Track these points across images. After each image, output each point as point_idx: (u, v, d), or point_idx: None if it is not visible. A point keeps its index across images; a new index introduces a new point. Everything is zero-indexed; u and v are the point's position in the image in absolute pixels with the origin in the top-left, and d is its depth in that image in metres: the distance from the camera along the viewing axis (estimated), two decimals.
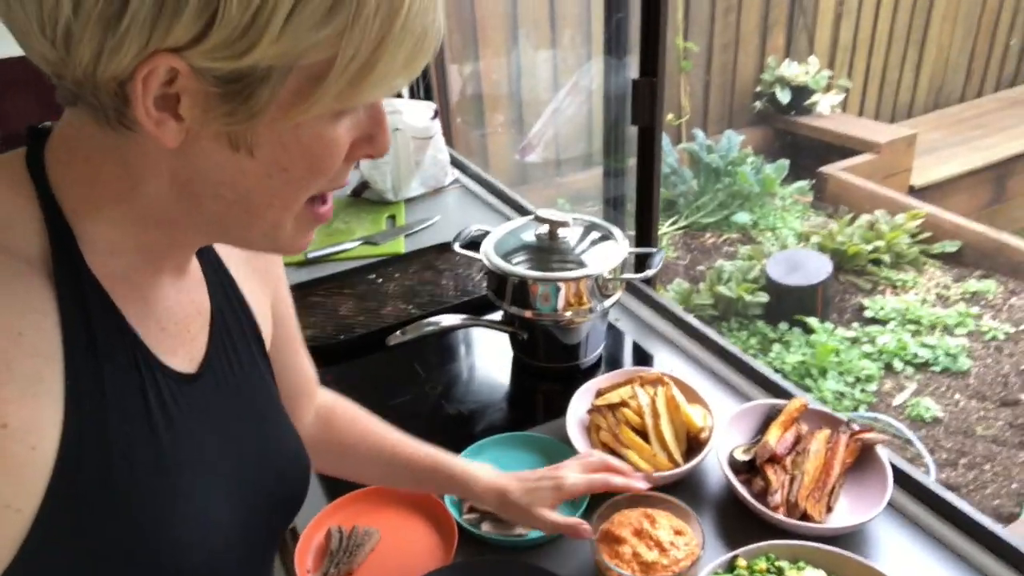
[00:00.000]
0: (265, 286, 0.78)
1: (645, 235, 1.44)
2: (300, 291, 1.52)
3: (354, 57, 0.48)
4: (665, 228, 4.06)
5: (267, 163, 0.52)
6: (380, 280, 1.61)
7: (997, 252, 3.76)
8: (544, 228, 1.24)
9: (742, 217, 4.07)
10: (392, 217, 1.92)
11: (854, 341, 3.28)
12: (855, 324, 3.42)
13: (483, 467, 0.94)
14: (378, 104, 0.55)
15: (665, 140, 4.17)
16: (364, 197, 2.02)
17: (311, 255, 1.70)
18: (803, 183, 4.44)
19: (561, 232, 1.23)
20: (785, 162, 4.23)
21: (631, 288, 1.49)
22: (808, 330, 3.30)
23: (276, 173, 0.53)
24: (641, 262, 1.36)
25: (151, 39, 0.45)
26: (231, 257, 0.73)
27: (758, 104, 5.03)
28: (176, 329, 0.62)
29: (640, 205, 1.43)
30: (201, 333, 0.65)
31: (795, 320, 3.35)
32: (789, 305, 3.38)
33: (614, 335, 1.40)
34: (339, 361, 1.36)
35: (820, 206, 4.37)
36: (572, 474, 0.92)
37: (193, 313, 0.64)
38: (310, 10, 0.46)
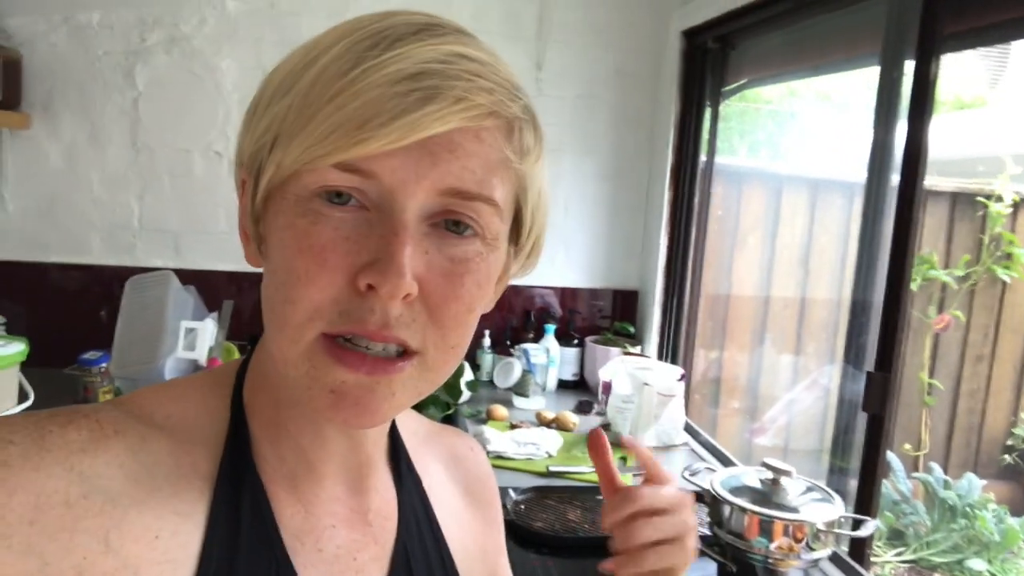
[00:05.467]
0: (486, 525, 0.67)
1: (864, 508, 1.44)
2: (539, 492, 1.68)
3: (285, 119, 0.45)
4: (889, 557, 3.70)
5: (271, 264, 0.47)
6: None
7: None
8: (768, 475, 1.31)
9: (978, 565, 3.62)
10: (623, 459, 2.04)
11: None
12: None
13: None
14: (392, 230, 0.44)
15: (900, 466, 3.93)
16: None
17: (552, 468, 1.86)
18: None
19: (783, 481, 1.29)
20: None
21: (841, 564, 1.46)
22: None
23: (270, 275, 0.47)
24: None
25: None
26: (439, 486, 0.63)
27: (1007, 457, 4.60)
28: (336, 554, 0.53)
29: (863, 480, 1.45)
30: (373, 567, 0.55)
31: None
32: None
33: None
34: (559, 555, 1.46)
35: None
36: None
37: (367, 541, 0.55)
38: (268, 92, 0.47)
